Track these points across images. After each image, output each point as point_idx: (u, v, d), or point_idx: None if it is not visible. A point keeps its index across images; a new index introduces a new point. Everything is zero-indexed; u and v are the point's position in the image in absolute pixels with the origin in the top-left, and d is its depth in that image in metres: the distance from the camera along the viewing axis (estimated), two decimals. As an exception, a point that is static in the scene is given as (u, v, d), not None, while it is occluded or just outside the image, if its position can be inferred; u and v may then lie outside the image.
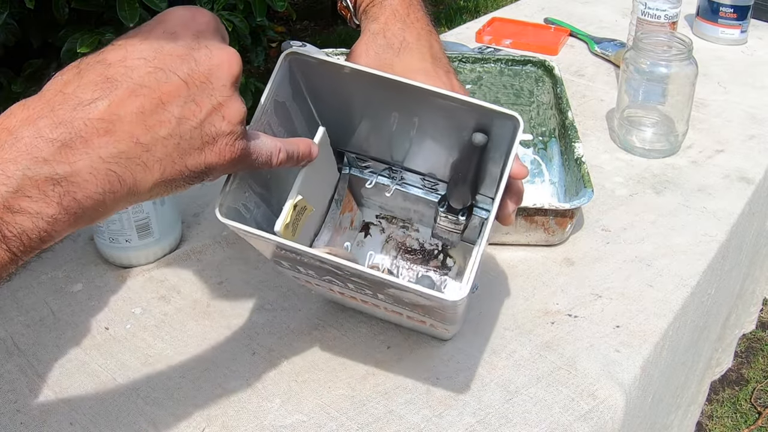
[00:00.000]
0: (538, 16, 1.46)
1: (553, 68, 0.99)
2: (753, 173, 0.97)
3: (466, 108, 0.55)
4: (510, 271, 0.79)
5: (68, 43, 1.59)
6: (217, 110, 0.42)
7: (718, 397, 1.64)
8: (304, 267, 0.56)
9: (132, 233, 0.77)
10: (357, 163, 0.70)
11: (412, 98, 0.56)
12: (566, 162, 0.89)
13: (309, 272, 0.57)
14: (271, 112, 0.55)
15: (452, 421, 0.62)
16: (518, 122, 0.53)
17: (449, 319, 0.59)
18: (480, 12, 3.63)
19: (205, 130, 0.42)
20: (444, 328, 0.63)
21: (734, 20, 1.32)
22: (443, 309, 0.54)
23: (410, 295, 0.52)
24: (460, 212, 0.64)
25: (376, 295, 0.56)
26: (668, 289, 0.77)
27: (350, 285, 0.56)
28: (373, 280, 0.51)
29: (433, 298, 0.50)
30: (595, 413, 0.63)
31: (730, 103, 1.14)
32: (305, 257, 0.52)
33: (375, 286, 0.53)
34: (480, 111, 0.54)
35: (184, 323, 0.72)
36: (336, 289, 0.60)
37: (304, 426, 0.62)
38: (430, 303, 0.52)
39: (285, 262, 0.57)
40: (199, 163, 0.43)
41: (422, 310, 0.56)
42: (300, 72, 0.57)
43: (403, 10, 0.67)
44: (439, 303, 0.51)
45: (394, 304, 0.58)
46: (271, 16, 2.46)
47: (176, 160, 0.42)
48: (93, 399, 0.64)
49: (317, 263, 0.52)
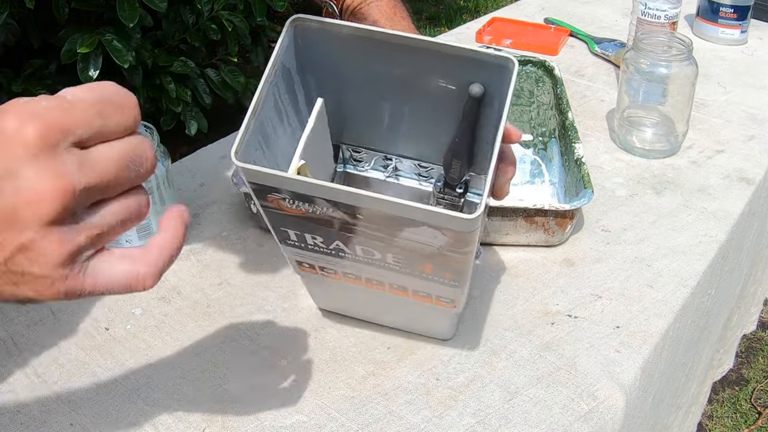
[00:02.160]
0: (538, 16, 1.46)
1: (553, 68, 0.99)
2: (753, 173, 0.97)
3: (463, 59, 0.55)
4: (510, 271, 0.79)
5: (68, 43, 1.59)
6: (22, 251, 0.35)
7: (718, 398, 1.64)
8: (314, 229, 0.55)
9: (132, 233, 0.77)
10: (352, 159, 0.70)
11: (408, 57, 0.57)
12: (566, 162, 0.89)
13: (316, 240, 0.56)
14: (279, 78, 0.56)
15: (452, 422, 0.62)
16: (513, 64, 0.53)
17: (460, 270, 0.57)
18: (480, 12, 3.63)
19: (12, 268, 0.36)
20: (451, 300, 0.61)
21: (734, 20, 1.32)
22: (456, 244, 0.53)
23: (423, 234, 0.51)
24: (457, 186, 0.65)
25: (385, 257, 0.56)
26: (668, 289, 0.77)
27: (358, 249, 0.55)
28: (390, 216, 0.50)
29: (451, 217, 0.49)
30: (595, 414, 0.63)
31: (731, 104, 1.14)
32: (320, 198, 0.50)
33: (390, 227, 0.52)
34: (475, 60, 0.56)
35: (184, 324, 0.72)
36: (342, 267, 0.59)
37: (305, 426, 0.62)
38: (442, 239, 0.51)
39: (292, 232, 0.57)
40: (15, 294, 0.37)
41: (431, 265, 0.56)
42: (303, 41, 0.58)
43: (390, 10, 0.71)
44: (457, 229, 0.50)
45: (401, 269, 0.57)
46: (271, 16, 2.46)
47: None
48: (93, 399, 0.64)
49: (330, 211, 0.51)
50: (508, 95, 0.53)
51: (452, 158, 0.63)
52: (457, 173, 0.64)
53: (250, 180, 0.51)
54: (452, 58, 0.56)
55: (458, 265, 0.55)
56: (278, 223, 0.56)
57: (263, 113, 0.55)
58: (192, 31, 1.99)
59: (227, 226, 0.86)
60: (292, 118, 0.61)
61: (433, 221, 0.49)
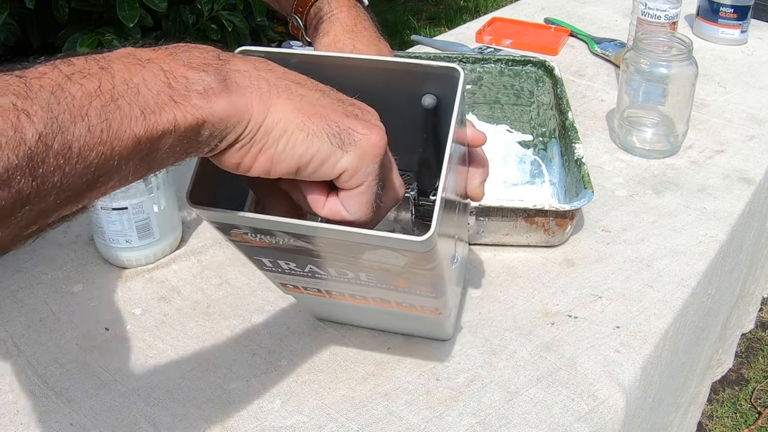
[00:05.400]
0: (538, 16, 1.46)
1: (553, 68, 0.99)
2: (753, 174, 0.97)
3: (409, 71, 0.55)
4: (510, 272, 0.79)
5: (68, 43, 1.59)
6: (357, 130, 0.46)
7: (718, 397, 1.64)
8: (284, 257, 0.56)
9: (132, 234, 0.77)
10: None
11: (361, 76, 0.57)
12: (566, 163, 0.89)
13: (290, 265, 0.57)
14: None
15: (452, 422, 0.62)
16: (458, 73, 0.54)
17: (434, 284, 0.57)
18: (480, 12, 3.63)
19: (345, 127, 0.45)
20: (435, 308, 0.62)
21: (734, 20, 1.32)
22: (417, 263, 0.53)
23: (385, 256, 0.51)
24: (431, 193, 0.66)
25: (358, 276, 0.56)
26: (668, 289, 0.77)
27: (331, 270, 0.56)
28: (348, 243, 0.51)
29: (402, 241, 0.49)
30: (595, 414, 0.63)
31: (731, 104, 1.14)
32: (278, 231, 0.51)
33: (351, 252, 0.53)
34: (423, 72, 0.55)
35: (184, 324, 0.72)
36: (323, 286, 0.60)
37: (305, 427, 0.62)
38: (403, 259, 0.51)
39: (265, 260, 0.57)
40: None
41: (404, 282, 0.56)
42: None
43: (351, 22, 0.72)
44: (411, 249, 0.51)
45: (377, 285, 0.57)
46: (271, 16, 2.46)
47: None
48: (93, 399, 0.64)
49: (291, 242, 0.52)
50: (456, 103, 0.54)
51: (421, 168, 0.64)
52: (428, 181, 0.65)
53: (209, 220, 0.51)
54: (402, 73, 0.56)
55: (430, 279, 0.55)
56: (250, 253, 0.57)
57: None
58: (192, 31, 1.99)
59: (227, 226, 0.86)
60: None
61: (388, 245, 0.50)
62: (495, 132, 1.01)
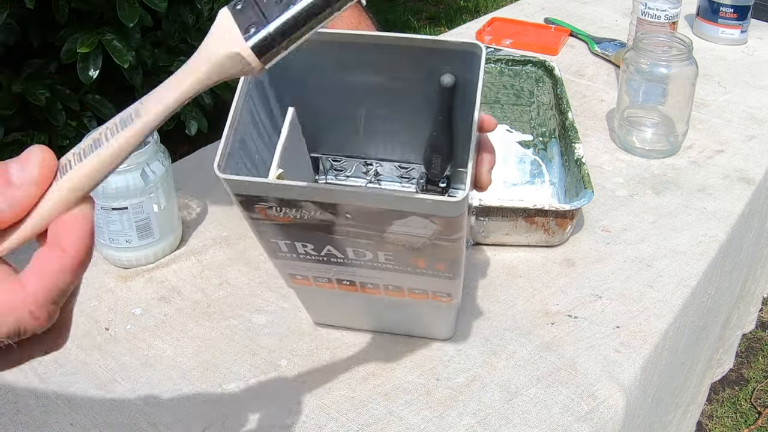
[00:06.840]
0: (538, 16, 1.46)
1: (553, 68, 0.99)
2: (753, 173, 0.97)
3: (430, 50, 0.55)
4: (510, 271, 0.79)
5: (68, 43, 1.59)
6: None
7: (718, 397, 1.64)
8: (303, 237, 0.55)
9: (132, 234, 0.77)
10: (332, 170, 0.70)
11: (376, 56, 0.57)
12: (566, 163, 0.89)
13: (307, 248, 0.56)
14: (253, 91, 0.57)
15: (452, 422, 0.62)
16: (480, 49, 0.54)
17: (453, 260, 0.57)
18: (480, 12, 3.63)
19: None
20: (448, 293, 0.61)
21: (734, 20, 1.32)
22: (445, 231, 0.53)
23: (412, 225, 0.51)
24: (439, 181, 0.66)
25: (376, 256, 0.56)
26: (668, 289, 0.77)
27: (349, 252, 0.55)
28: (377, 211, 0.50)
29: (438, 202, 0.49)
30: (595, 414, 0.63)
31: (731, 104, 1.14)
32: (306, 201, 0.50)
33: (378, 222, 0.52)
34: (443, 50, 0.55)
35: (184, 324, 0.72)
36: (336, 274, 0.59)
37: (305, 427, 0.62)
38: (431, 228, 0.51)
39: (282, 242, 0.57)
40: None
41: (423, 259, 0.55)
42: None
43: (354, 20, 0.73)
44: (443, 214, 0.50)
45: (394, 267, 0.57)
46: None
47: None
48: (93, 399, 0.64)
49: (317, 214, 0.52)
50: (479, 81, 0.53)
51: (432, 154, 0.63)
52: (438, 168, 0.64)
53: (236, 191, 0.51)
54: (420, 51, 0.56)
55: (450, 254, 0.55)
56: (268, 235, 0.56)
57: (241, 126, 0.55)
58: (192, 31, 1.99)
59: (227, 226, 0.86)
60: (269, 131, 0.61)
61: (420, 209, 0.50)
62: (495, 132, 1.01)
